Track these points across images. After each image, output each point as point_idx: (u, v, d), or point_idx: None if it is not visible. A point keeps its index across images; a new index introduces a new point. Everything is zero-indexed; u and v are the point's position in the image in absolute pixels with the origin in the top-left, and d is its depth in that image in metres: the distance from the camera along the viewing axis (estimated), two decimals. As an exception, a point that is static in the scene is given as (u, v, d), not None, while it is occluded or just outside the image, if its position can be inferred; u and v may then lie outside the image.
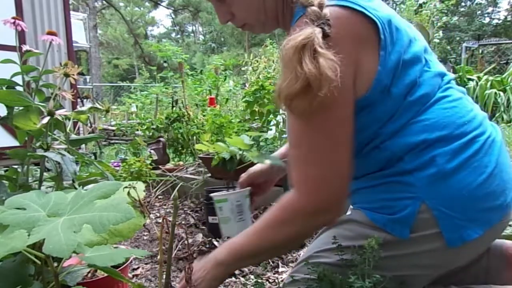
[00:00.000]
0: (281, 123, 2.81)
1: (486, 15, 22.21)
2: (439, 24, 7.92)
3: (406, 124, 0.79)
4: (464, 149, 0.78)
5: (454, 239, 0.76)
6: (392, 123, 0.79)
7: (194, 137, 3.32)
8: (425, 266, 0.81)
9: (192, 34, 32.24)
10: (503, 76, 6.53)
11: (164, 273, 0.73)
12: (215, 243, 1.64)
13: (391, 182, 0.80)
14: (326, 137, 0.74)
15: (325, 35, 0.70)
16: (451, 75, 0.88)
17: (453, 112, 0.81)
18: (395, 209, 0.78)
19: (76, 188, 0.91)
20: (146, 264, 1.59)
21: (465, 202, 0.76)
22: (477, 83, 6.36)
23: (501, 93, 6.02)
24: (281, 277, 1.41)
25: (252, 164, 2.29)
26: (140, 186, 0.77)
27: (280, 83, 0.70)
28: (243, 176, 1.14)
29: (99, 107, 1.09)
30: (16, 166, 1.07)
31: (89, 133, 4.17)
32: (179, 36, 31.82)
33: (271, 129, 2.74)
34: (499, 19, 21.69)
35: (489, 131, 0.83)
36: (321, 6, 0.72)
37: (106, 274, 0.94)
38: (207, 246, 1.63)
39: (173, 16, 30.10)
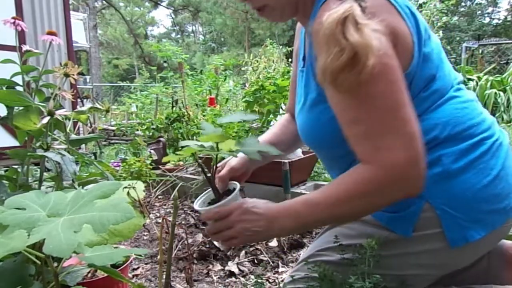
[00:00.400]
0: (281, 123, 2.81)
1: (486, 15, 22.21)
2: (439, 24, 7.92)
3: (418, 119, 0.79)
4: (471, 151, 0.78)
5: (456, 239, 0.76)
6: None
7: (194, 137, 3.32)
8: (428, 265, 0.81)
9: (192, 34, 32.25)
10: (503, 76, 6.53)
11: (164, 273, 0.73)
12: (215, 243, 1.64)
13: None
14: (383, 104, 0.69)
15: (362, 10, 0.68)
16: (461, 77, 0.88)
17: (464, 113, 0.81)
18: (398, 207, 0.78)
19: (76, 188, 0.90)
20: (146, 264, 1.59)
21: (469, 203, 0.76)
22: (477, 83, 6.36)
23: (501, 93, 6.02)
24: (281, 277, 1.41)
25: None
26: (140, 186, 0.77)
27: (324, 61, 0.67)
28: (224, 170, 1.02)
29: (99, 107, 1.09)
30: (16, 166, 1.07)
31: (89, 133, 4.17)
32: (179, 36, 31.82)
33: (271, 129, 2.74)
34: (499, 19, 21.69)
35: (497, 134, 0.83)
36: None
37: (106, 274, 0.94)
38: (207, 246, 1.63)
39: (173, 16, 30.11)
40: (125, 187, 0.73)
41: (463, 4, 21.40)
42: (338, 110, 0.74)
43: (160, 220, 2.17)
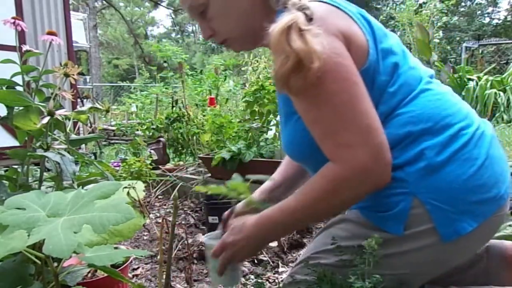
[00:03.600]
0: (281, 123, 2.81)
1: (486, 15, 22.20)
2: (439, 24, 7.92)
3: (390, 115, 0.80)
4: (452, 142, 0.78)
5: (448, 233, 0.76)
6: (378, 110, 0.79)
7: (194, 137, 3.32)
8: (423, 263, 0.81)
9: (192, 34, 32.23)
10: (503, 76, 6.53)
11: (164, 273, 0.73)
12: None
13: None
14: (337, 101, 0.73)
15: (308, 19, 0.73)
16: (432, 71, 0.90)
17: (438, 104, 0.81)
18: (388, 206, 0.79)
19: (75, 189, 0.90)
20: (146, 264, 1.59)
21: (457, 195, 0.76)
22: (477, 83, 6.36)
23: (501, 93, 6.02)
24: (281, 277, 1.41)
25: (251, 163, 2.28)
26: (140, 185, 0.77)
27: (275, 68, 0.72)
28: (228, 214, 1.05)
29: (99, 107, 1.09)
30: (16, 166, 1.07)
31: (89, 133, 4.17)
32: (179, 36, 31.82)
33: (271, 129, 2.74)
34: (499, 19, 21.69)
35: (477, 124, 0.83)
36: None
37: (106, 274, 0.94)
38: (207, 246, 1.63)
39: (173, 16, 30.09)
40: (125, 187, 0.73)
41: (463, 4, 21.39)
42: (301, 115, 0.78)
43: (160, 220, 2.17)
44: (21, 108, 0.99)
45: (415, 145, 0.78)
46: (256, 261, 1.54)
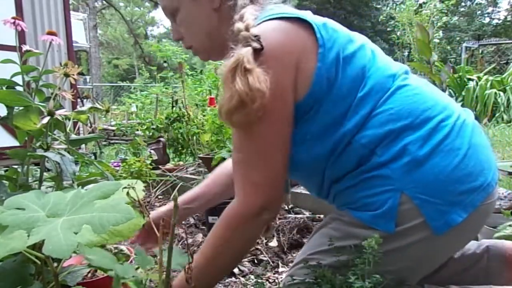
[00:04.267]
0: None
1: (486, 15, 22.20)
2: (439, 24, 7.92)
3: (369, 115, 0.81)
4: (433, 134, 0.79)
5: (439, 226, 0.76)
6: (352, 117, 0.81)
7: (194, 137, 3.32)
8: (418, 257, 0.81)
9: (192, 34, 32.17)
10: (503, 76, 6.53)
11: (164, 273, 0.73)
12: None
13: (369, 178, 0.81)
14: (263, 143, 0.79)
15: (257, 51, 0.76)
16: (406, 67, 0.90)
17: (415, 99, 0.82)
18: (377, 205, 0.79)
19: (75, 189, 0.90)
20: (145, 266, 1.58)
21: (444, 186, 0.77)
22: (477, 83, 6.36)
23: (501, 93, 6.02)
24: (281, 277, 1.41)
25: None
26: (139, 185, 0.77)
27: (221, 101, 0.78)
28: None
29: (99, 107, 1.09)
30: (16, 166, 1.07)
31: (89, 133, 4.17)
32: (179, 36, 31.74)
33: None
34: (499, 19, 21.69)
35: (457, 114, 0.83)
36: (247, 28, 0.78)
37: (106, 274, 0.93)
38: (207, 246, 1.63)
39: (173, 16, 30.02)
40: (125, 187, 0.72)
41: (463, 4, 21.39)
42: (233, 136, 0.85)
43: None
44: (21, 108, 0.99)
45: (397, 142, 0.78)
46: (256, 261, 1.54)
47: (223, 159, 2.27)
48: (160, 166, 2.98)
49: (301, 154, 0.85)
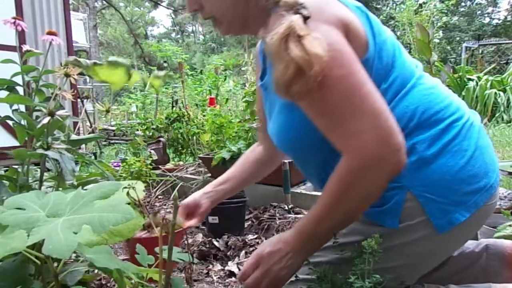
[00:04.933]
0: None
1: (486, 15, 22.19)
2: (439, 24, 7.92)
3: None
4: (442, 135, 0.79)
5: (442, 224, 0.77)
6: None
7: (194, 137, 3.32)
8: (419, 254, 0.82)
9: (192, 34, 32.24)
10: (503, 76, 6.53)
11: (164, 273, 0.73)
12: (215, 243, 1.64)
13: None
14: (340, 91, 0.71)
15: (305, 18, 0.72)
16: (421, 64, 0.90)
17: (431, 98, 0.82)
18: (383, 201, 0.79)
19: (75, 188, 0.90)
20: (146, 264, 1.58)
21: (449, 186, 0.77)
22: (477, 83, 6.36)
23: (501, 93, 6.02)
24: (281, 277, 1.41)
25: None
26: (140, 186, 0.77)
27: (276, 75, 0.72)
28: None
29: (172, 75, 0.99)
30: (16, 166, 1.07)
31: (89, 133, 4.17)
32: (179, 36, 31.81)
33: (271, 129, 2.73)
34: (499, 19, 21.68)
35: (467, 116, 0.84)
36: None
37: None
38: (207, 246, 1.63)
39: (173, 16, 30.10)
40: (125, 187, 0.72)
41: (463, 4, 21.39)
42: (304, 110, 0.77)
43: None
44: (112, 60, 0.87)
45: (407, 140, 0.77)
46: (256, 261, 1.54)
47: (223, 159, 2.27)
48: (160, 166, 2.98)
49: (316, 131, 0.81)
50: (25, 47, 1.12)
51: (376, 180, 0.73)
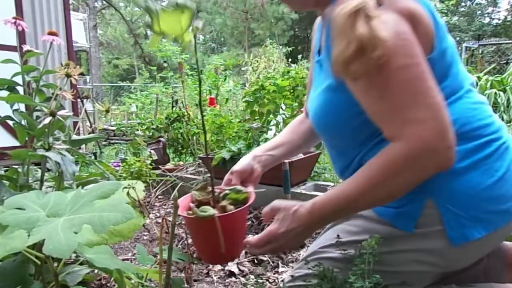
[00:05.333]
0: (281, 123, 2.81)
1: (486, 15, 22.18)
2: (439, 24, 7.88)
3: None
4: (477, 151, 0.78)
5: (457, 237, 0.76)
6: None
7: (194, 137, 3.32)
8: (428, 263, 0.81)
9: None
10: (503, 76, 6.53)
11: (164, 273, 0.73)
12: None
13: None
14: (405, 76, 0.70)
15: (378, 3, 0.70)
16: (472, 78, 0.88)
17: (474, 113, 0.81)
18: (402, 202, 0.79)
19: (75, 189, 0.90)
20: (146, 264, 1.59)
21: (472, 202, 0.76)
22: (477, 83, 6.35)
23: (501, 93, 6.02)
24: (281, 277, 1.41)
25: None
26: (140, 186, 0.77)
27: (335, 52, 0.70)
28: (226, 176, 1.03)
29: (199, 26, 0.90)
30: (16, 166, 1.07)
31: (89, 133, 4.17)
32: (179, 36, 31.75)
33: (271, 129, 2.74)
34: (499, 19, 21.67)
35: (505, 138, 0.83)
36: None
37: (241, 207, 0.90)
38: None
39: (173, 16, 30.01)
40: (125, 187, 0.72)
41: (463, 4, 21.38)
42: (359, 93, 0.75)
43: (160, 220, 2.16)
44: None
45: None
46: (256, 261, 1.54)
47: (223, 159, 2.27)
48: (160, 166, 2.98)
49: (355, 119, 0.80)
50: (26, 47, 1.12)
51: (423, 171, 0.71)
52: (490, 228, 0.77)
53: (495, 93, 6.02)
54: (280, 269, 1.48)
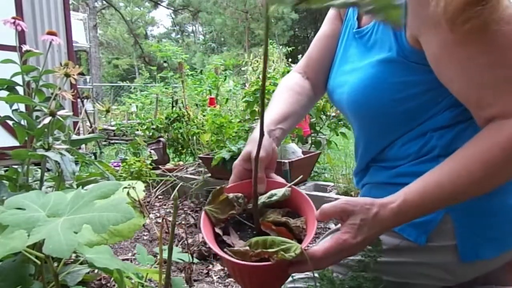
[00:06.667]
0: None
1: (486, 15, 22.19)
2: (439, 24, 7.89)
3: (459, 124, 0.73)
4: None
5: (468, 254, 0.73)
6: (450, 112, 0.72)
7: (194, 137, 3.32)
8: (434, 277, 0.78)
9: (192, 34, 32.25)
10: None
11: (164, 273, 0.73)
12: (215, 243, 1.64)
13: None
14: None
15: None
16: None
17: None
18: None
19: (75, 189, 0.90)
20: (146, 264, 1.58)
21: (490, 221, 0.73)
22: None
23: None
24: (281, 277, 1.41)
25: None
26: (140, 186, 0.77)
27: (439, 4, 0.59)
28: (259, 171, 0.75)
29: None
30: (16, 166, 1.07)
31: (89, 133, 4.17)
32: (179, 36, 31.83)
33: (271, 129, 2.73)
34: (499, 19, 21.67)
35: None
36: None
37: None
38: (207, 246, 1.63)
39: (173, 16, 30.12)
40: (125, 187, 0.72)
41: (463, 4, 21.38)
42: (460, 59, 0.63)
43: (160, 220, 2.17)
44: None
45: None
46: (256, 261, 1.54)
47: (223, 159, 2.28)
48: (160, 166, 2.98)
49: (412, 101, 0.72)
50: (25, 47, 1.12)
51: None
52: (504, 249, 0.74)
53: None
54: (280, 269, 1.48)
